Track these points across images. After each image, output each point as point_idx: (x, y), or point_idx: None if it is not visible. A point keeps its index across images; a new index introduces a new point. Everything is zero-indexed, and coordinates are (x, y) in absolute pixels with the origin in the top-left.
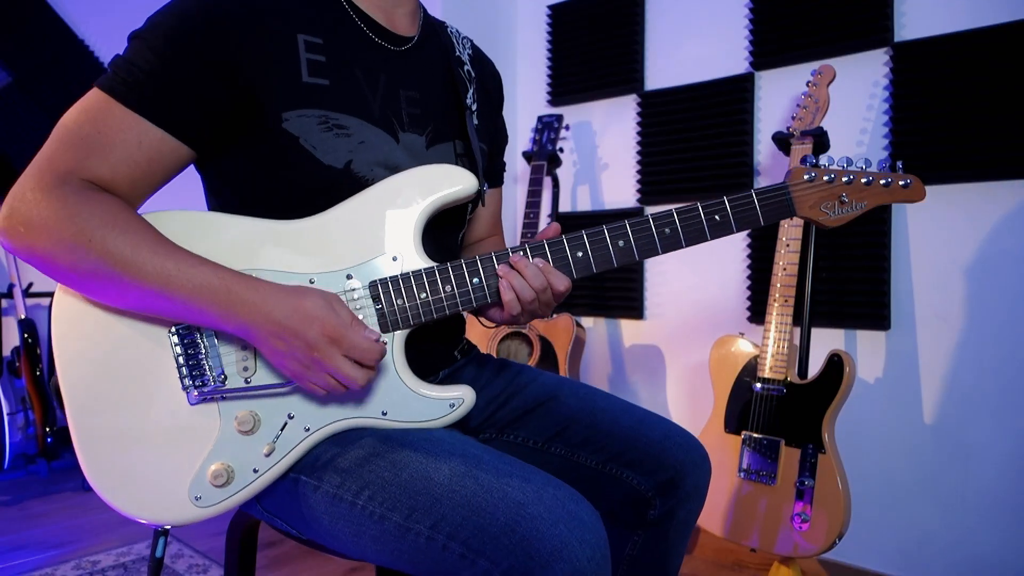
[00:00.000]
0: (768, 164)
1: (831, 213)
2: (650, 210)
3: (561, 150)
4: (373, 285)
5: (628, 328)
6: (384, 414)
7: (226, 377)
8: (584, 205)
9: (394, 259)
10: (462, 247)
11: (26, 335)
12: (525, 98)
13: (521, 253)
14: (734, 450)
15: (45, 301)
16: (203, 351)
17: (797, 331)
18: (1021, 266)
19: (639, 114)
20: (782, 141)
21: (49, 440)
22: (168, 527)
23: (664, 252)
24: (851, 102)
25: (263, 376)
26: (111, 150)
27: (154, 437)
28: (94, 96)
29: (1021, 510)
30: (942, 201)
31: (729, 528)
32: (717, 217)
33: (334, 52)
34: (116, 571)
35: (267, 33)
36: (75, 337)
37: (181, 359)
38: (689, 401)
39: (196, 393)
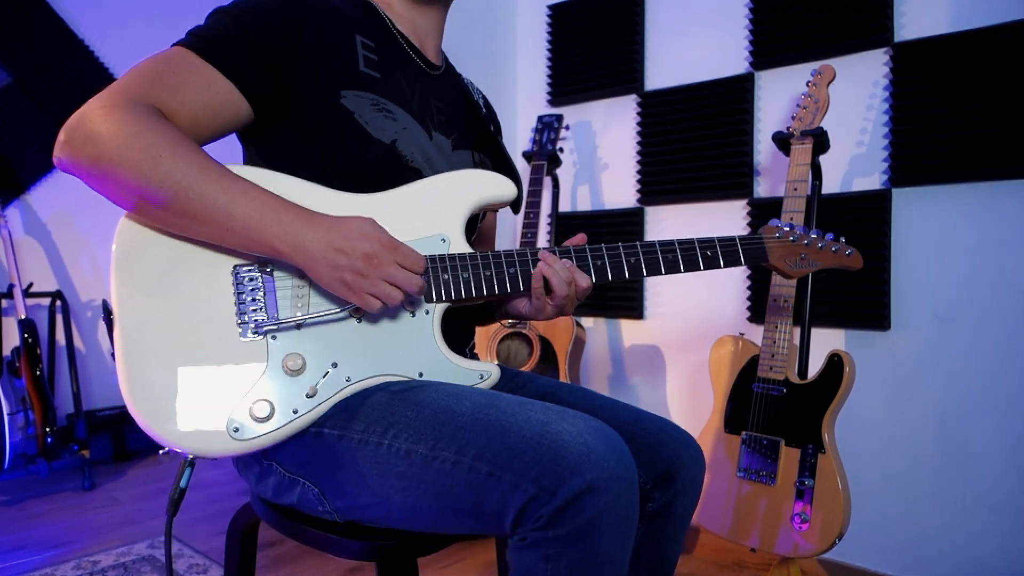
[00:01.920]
0: (768, 164)
1: (792, 266)
2: (650, 210)
3: (561, 150)
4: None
5: (628, 328)
6: (420, 375)
7: (279, 312)
8: (584, 205)
9: (443, 240)
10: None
11: (26, 335)
12: (525, 98)
13: (549, 251)
14: (734, 450)
15: (45, 301)
16: (260, 285)
17: (797, 331)
18: (1021, 266)
19: (639, 114)
20: (782, 141)
21: (49, 440)
22: (196, 458)
23: (667, 273)
24: (851, 102)
25: (316, 306)
26: (182, 88)
27: (201, 364)
28: (172, 50)
29: (1021, 510)
30: (942, 201)
31: (729, 528)
32: (708, 252)
33: (383, 56)
34: (116, 571)
35: (331, 28)
36: (134, 259)
37: (238, 291)
38: (689, 401)
39: (251, 327)
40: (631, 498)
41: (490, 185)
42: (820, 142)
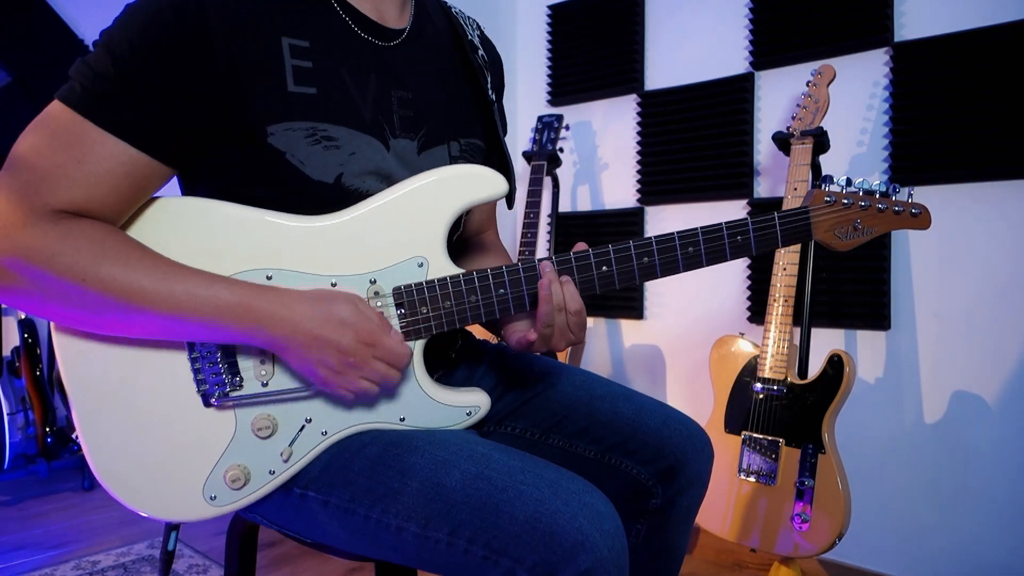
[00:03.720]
0: (768, 164)
1: (843, 237)
2: (650, 210)
3: (561, 150)
4: (397, 291)
5: (628, 328)
6: (402, 420)
7: (243, 382)
8: (584, 205)
9: (420, 264)
10: (460, 239)
11: (26, 335)
12: (525, 98)
13: (551, 264)
14: (734, 450)
15: None
16: (219, 357)
17: (797, 331)
18: (1021, 266)
19: (639, 114)
20: (782, 141)
21: (49, 440)
22: (180, 522)
23: (685, 271)
24: (851, 102)
25: (281, 381)
26: (93, 179)
27: (167, 436)
28: (63, 115)
29: (1021, 510)
30: (942, 201)
31: (729, 528)
32: (739, 238)
33: (321, 55)
34: (116, 571)
35: (250, 36)
36: (82, 341)
37: (196, 364)
38: (689, 401)
39: (213, 400)
40: None
41: (473, 184)
42: (820, 142)
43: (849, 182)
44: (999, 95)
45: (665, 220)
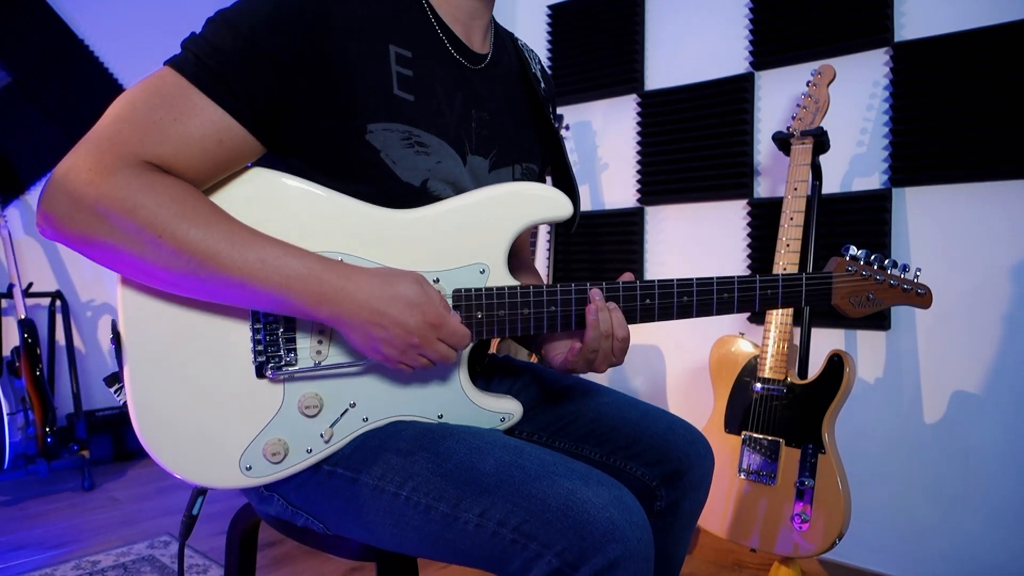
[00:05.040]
0: (768, 164)
1: (856, 305)
2: (650, 210)
3: None
4: (457, 293)
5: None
6: (440, 416)
7: (298, 358)
8: (584, 205)
9: (482, 271)
10: None
11: (26, 335)
12: None
13: (600, 292)
14: (734, 450)
15: (45, 301)
16: (279, 331)
17: (797, 331)
18: (1021, 266)
19: (639, 114)
20: (782, 141)
21: (49, 440)
22: (210, 488)
23: (717, 315)
24: (851, 102)
25: (334, 357)
26: (187, 140)
27: (214, 401)
28: (170, 77)
29: (1021, 510)
30: (942, 201)
31: (729, 528)
32: (769, 292)
33: (420, 67)
34: (116, 571)
35: (363, 39)
36: (145, 297)
37: (257, 335)
38: (689, 401)
39: (265, 371)
40: (647, 574)
41: (543, 204)
42: (820, 142)
43: (869, 255)
44: (999, 95)
45: (665, 220)
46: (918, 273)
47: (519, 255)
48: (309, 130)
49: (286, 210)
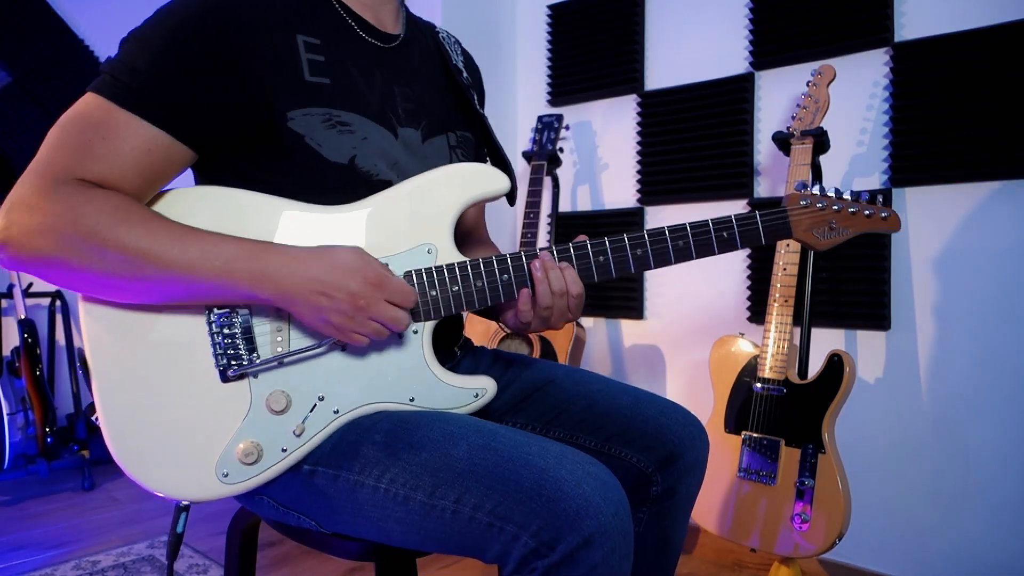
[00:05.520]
0: (768, 164)
1: (821, 237)
2: (650, 210)
3: (561, 150)
4: (408, 275)
5: (628, 328)
6: (411, 400)
7: (258, 353)
8: (584, 205)
9: (428, 251)
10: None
11: (26, 335)
12: (525, 98)
13: (550, 254)
14: (734, 450)
15: (45, 301)
16: (237, 328)
17: (797, 331)
18: (1021, 266)
19: (639, 114)
20: (782, 141)
21: (49, 440)
22: (190, 503)
23: (676, 262)
24: (851, 102)
25: (296, 342)
26: (117, 156)
27: (183, 412)
28: (93, 101)
29: (1021, 510)
30: (942, 201)
31: (729, 528)
32: (724, 234)
33: (331, 52)
34: (116, 571)
35: (269, 33)
36: (106, 316)
37: (216, 337)
38: (689, 401)
39: (229, 372)
40: (626, 550)
41: (479, 181)
42: (820, 142)
43: (822, 188)
44: (999, 95)
45: (665, 220)
46: (881, 199)
47: (474, 234)
48: (233, 128)
49: (225, 221)
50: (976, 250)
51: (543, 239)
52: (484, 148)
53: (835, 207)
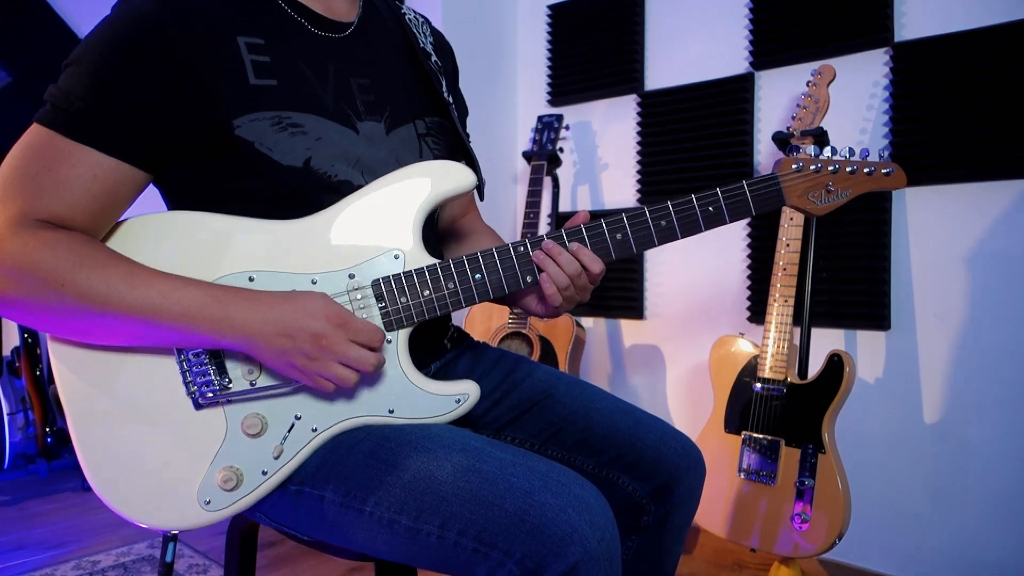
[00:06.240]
0: (768, 164)
1: (818, 202)
2: None
3: (561, 150)
4: (376, 284)
5: (628, 328)
6: (391, 412)
7: (231, 381)
8: (584, 205)
9: (396, 257)
10: (439, 229)
11: (26, 335)
12: (525, 98)
13: (554, 240)
14: (734, 450)
15: None
16: (207, 359)
17: (797, 331)
18: (1021, 266)
19: (639, 114)
20: (782, 141)
21: (49, 440)
22: (177, 532)
23: (660, 244)
24: (851, 102)
25: (268, 378)
26: (65, 187)
27: (159, 443)
28: (36, 133)
29: (1021, 510)
30: (942, 201)
31: (729, 528)
32: (711, 208)
33: (277, 50)
34: (116, 571)
35: (206, 39)
36: (75, 350)
37: (185, 365)
38: (689, 401)
39: (202, 400)
40: (613, 574)
41: (440, 179)
42: (820, 142)
43: (816, 150)
44: (999, 95)
45: None
46: (883, 154)
47: (461, 223)
48: (181, 143)
49: (186, 246)
50: (976, 250)
51: None
52: (459, 146)
53: (831, 168)
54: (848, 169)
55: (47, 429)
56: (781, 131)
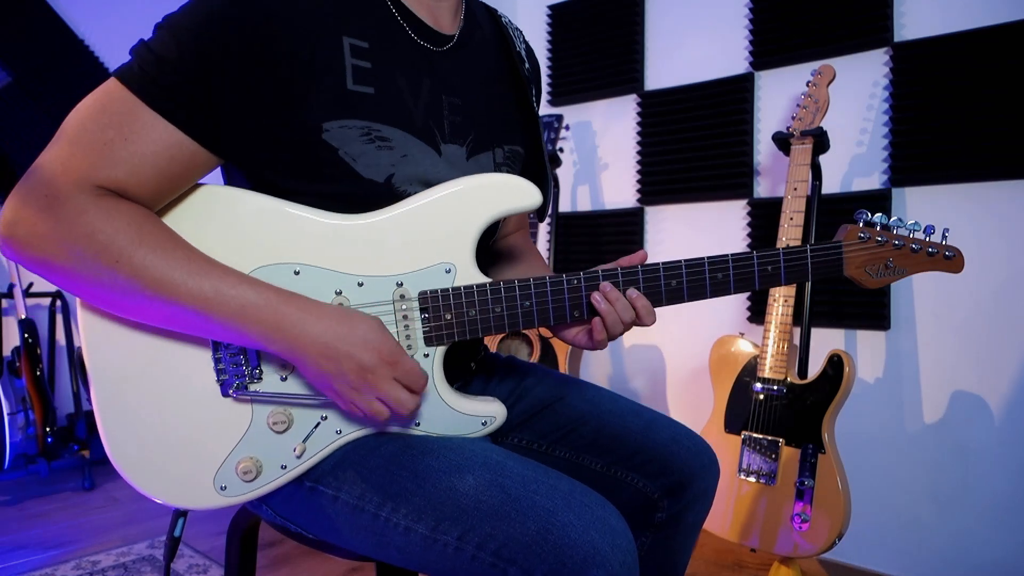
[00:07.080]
0: (768, 164)
1: (874, 275)
2: (650, 210)
3: (561, 150)
4: (423, 296)
5: None
6: (417, 424)
7: (263, 376)
8: (584, 205)
9: (447, 271)
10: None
11: (26, 335)
12: None
13: (611, 283)
14: (734, 450)
15: (45, 301)
16: (242, 350)
17: (797, 331)
18: (1021, 266)
19: (639, 114)
20: (782, 141)
21: (49, 440)
22: (188, 509)
23: (712, 296)
24: (851, 102)
25: (299, 386)
26: (139, 160)
27: (183, 422)
28: (117, 92)
29: (1021, 510)
30: (942, 201)
31: (729, 528)
32: (769, 268)
33: (379, 57)
34: (116, 571)
35: (312, 34)
36: (106, 323)
37: (218, 353)
38: (689, 401)
39: (231, 391)
40: None
41: (508, 194)
42: (820, 142)
43: (886, 220)
44: (999, 95)
45: (665, 220)
46: (946, 234)
47: (509, 240)
48: (263, 136)
49: (234, 224)
50: (976, 250)
51: (543, 239)
52: (534, 162)
53: (896, 243)
54: (912, 247)
55: (47, 429)
56: (781, 131)
